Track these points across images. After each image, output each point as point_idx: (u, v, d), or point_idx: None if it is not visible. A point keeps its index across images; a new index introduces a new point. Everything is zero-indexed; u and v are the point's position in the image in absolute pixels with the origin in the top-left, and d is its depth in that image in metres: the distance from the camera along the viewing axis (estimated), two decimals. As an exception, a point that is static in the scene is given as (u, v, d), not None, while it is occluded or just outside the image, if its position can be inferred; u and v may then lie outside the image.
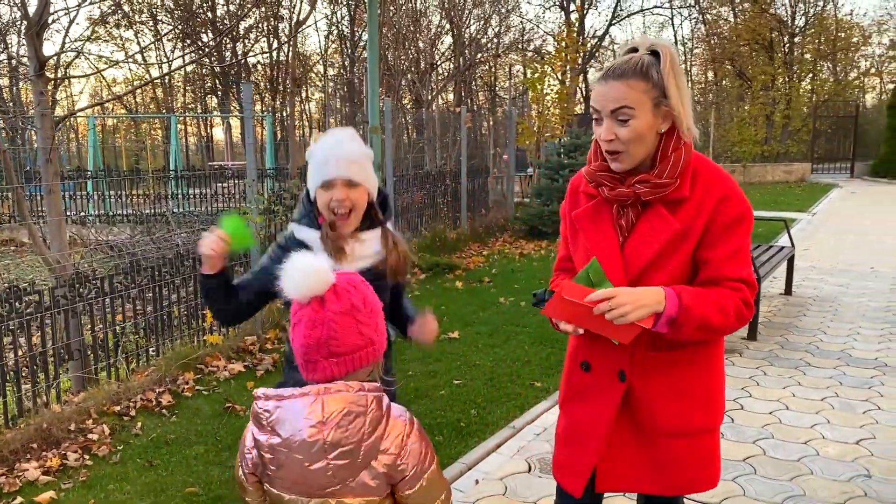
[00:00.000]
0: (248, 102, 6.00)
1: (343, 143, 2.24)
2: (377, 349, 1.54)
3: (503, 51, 30.10)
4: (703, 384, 1.95)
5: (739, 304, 1.80)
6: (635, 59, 1.76)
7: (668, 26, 50.77)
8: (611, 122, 1.78)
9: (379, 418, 1.48)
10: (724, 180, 1.82)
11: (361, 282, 1.58)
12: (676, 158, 1.80)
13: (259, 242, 6.13)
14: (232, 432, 4.36)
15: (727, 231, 1.79)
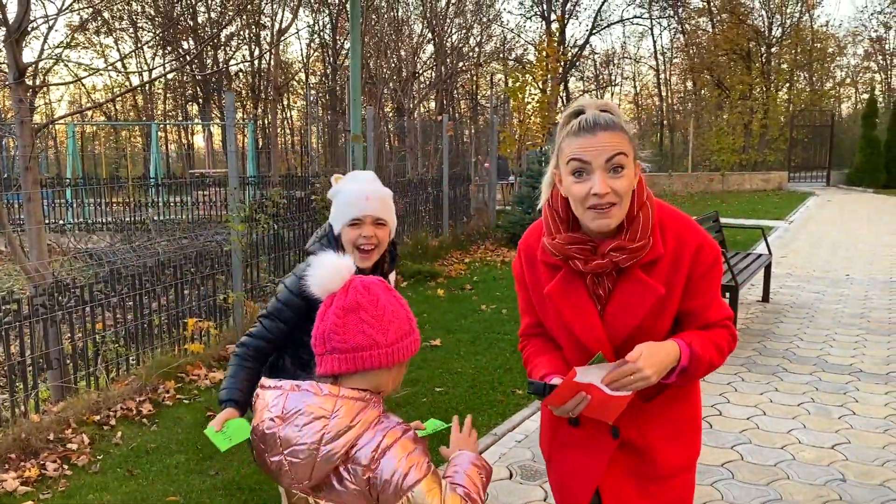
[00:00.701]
0: (230, 110, 6.00)
1: (373, 182, 2.37)
2: (382, 354, 1.49)
3: (485, 60, 30.26)
4: (692, 416, 1.94)
5: (730, 340, 1.83)
6: (606, 116, 1.68)
7: (648, 36, 51.41)
8: (604, 174, 1.63)
9: (347, 426, 1.44)
10: (692, 229, 1.77)
11: (380, 285, 1.56)
12: (645, 216, 1.72)
13: (242, 249, 6.12)
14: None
15: (704, 279, 1.77)
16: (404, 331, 1.53)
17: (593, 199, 1.64)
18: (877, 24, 46.03)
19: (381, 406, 1.52)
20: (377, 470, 1.42)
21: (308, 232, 8.00)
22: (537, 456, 4.04)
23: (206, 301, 6.20)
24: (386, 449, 1.44)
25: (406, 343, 1.53)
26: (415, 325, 1.57)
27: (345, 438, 1.43)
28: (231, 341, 6.04)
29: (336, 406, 1.45)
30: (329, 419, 1.43)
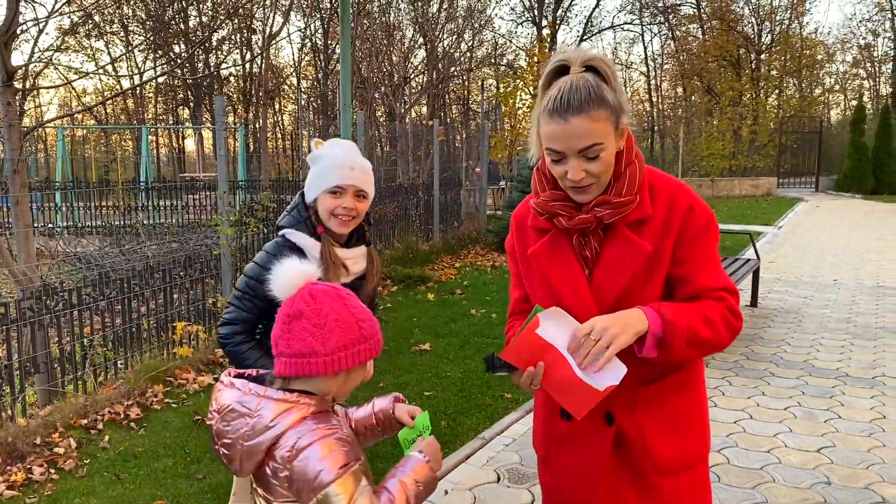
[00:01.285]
0: (220, 114, 6.00)
1: (355, 152, 2.29)
2: (321, 362, 1.52)
3: (476, 65, 30.32)
4: (694, 410, 1.80)
5: (726, 313, 1.66)
6: (583, 86, 1.58)
7: (639, 42, 51.66)
8: (578, 161, 1.61)
9: (265, 426, 1.49)
10: (684, 191, 1.70)
11: (329, 293, 1.57)
12: (632, 173, 1.67)
13: (232, 253, 6.11)
14: (201, 445, 4.34)
15: (695, 242, 1.67)
16: (349, 340, 1.55)
17: (569, 182, 1.64)
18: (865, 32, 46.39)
19: (314, 406, 1.55)
20: (292, 469, 1.48)
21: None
22: (525, 459, 4.06)
23: (195, 305, 6.19)
24: (301, 449, 1.47)
25: (351, 352, 1.55)
26: (369, 332, 1.58)
27: (264, 437, 1.49)
28: (220, 346, 6.02)
29: (258, 406, 1.52)
30: (252, 417, 1.51)
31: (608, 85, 1.60)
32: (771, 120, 29.68)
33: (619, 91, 1.62)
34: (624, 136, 1.66)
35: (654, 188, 1.70)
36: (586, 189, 1.65)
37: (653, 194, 1.69)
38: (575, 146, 1.59)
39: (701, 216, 1.67)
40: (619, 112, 1.62)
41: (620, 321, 1.57)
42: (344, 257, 2.29)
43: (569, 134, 1.58)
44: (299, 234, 2.27)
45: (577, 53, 1.64)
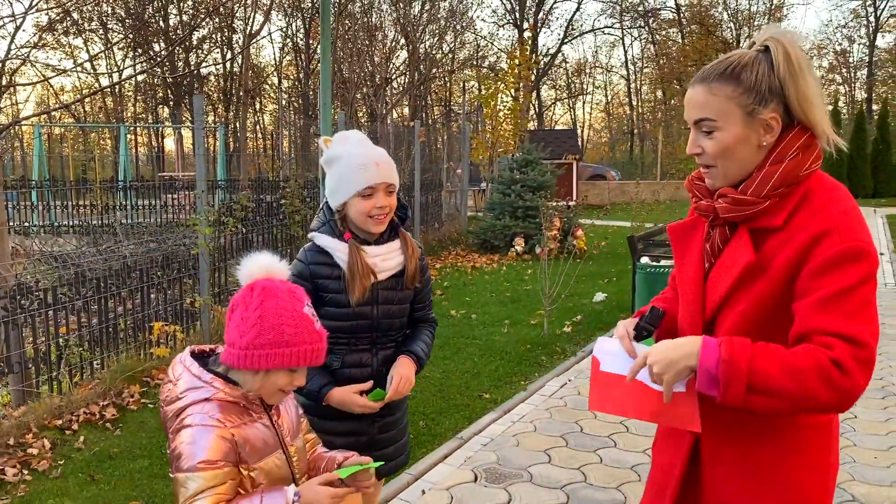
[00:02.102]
0: (199, 114, 5.97)
1: (370, 144, 2.18)
2: (233, 354, 1.57)
3: (457, 66, 30.39)
4: (784, 468, 1.53)
5: (825, 364, 1.35)
6: (731, 59, 1.50)
7: (619, 46, 52.01)
8: (696, 134, 1.54)
9: (177, 396, 1.58)
10: (830, 213, 1.43)
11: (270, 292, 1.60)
12: (767, 174, 1.48)
13: (210, 253, 6.08)
14: (178, 445, 4.31)
15: (823, 273, 1.40)
16: (264, 341, 1.54)
17: (689, 153, 1.57)
18: (841, 38, 47.09)
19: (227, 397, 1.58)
20: (172, 440, 1.55)
21: (277, 236, 7.97)
22: (502, 459, 4.08)
23: (173, 305, 6.15)
24: (184, 427, 1.53)
25: (263, 353, 1.54)
26: (293, 338, 1.56)
27: (172, 406, 1.57)
28: (198, 345, 5.99)
29: (179, 376, 1.61)
30: (173, 385, 1.61)
31: (772, 68, 1.48)
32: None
33: (789, 77, 1.47)
34: (773, 130, 1.50)
35: (806, 201, 1.48)
36: (708, 171, 1.56)
37: (799, 206, 1.48)
38: (690, 115, 1.55)
39: (837, 245, 1.39)
40: (758, 93, 1.48)
41: (667, 358, 1.45)
42: (375, 258, 2.19)
43: (689, 101, 1.55)
44: (325, 237, 2.20)
45: (764, 30, 1.55)
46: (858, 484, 3.79)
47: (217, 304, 6.45)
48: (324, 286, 2.19)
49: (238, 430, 1.57)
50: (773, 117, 1.48)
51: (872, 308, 1.39)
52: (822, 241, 1.40)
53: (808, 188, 1.48)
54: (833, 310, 1.37)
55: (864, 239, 1.41)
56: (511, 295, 8.56)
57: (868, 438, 4.39)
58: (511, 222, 11.63)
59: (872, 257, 1.40)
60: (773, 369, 1.36)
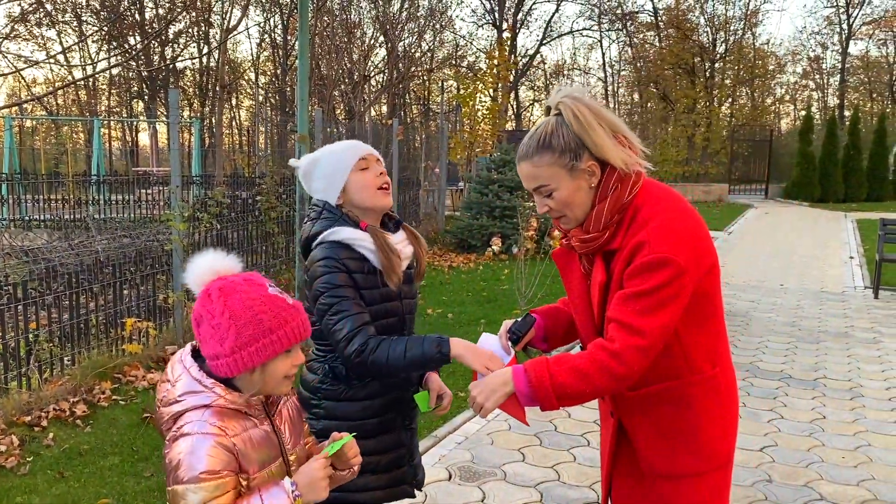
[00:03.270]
0: (174, 108, 5.92)
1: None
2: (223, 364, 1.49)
3: (436, 65, 30.38)
4: (687, 424, 1.82)
5: (605, 361, 1.68)
6: (538, 133, 1.77)
7: (597, 48, 52.30)
8: (539, 198, 1.82)
9: (175, 399, 1.51)
10: (648, 226, 1.70)
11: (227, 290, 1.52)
12: (599, 211, 1.75)
13: (184, 249, 6.02)
14: (149, 442, 4.27)
15: (632, 276, 1.70)
16: (247, 337, 1.49)
17: (540, 213, 1.85)
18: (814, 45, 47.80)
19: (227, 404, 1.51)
20: (169, 449, 1.49)
21: (252, 233, 7.92)
22: (476, 457, 4.09)
23: (146, 301, 6.09)
24: (183, 435, 1.47)
25: (253, 349, 1.49)
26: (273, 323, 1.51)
27: (169, 409, 1.51)
28: (171, 342, 5.94)
29: (177, 377, 1.54)
30: (171, 385, 1.54)
31: (567, 128, 1.74)
32: (723, 128, 30.33)
33: (583, 131, 1.73)
34: (595, 173, 1.76)
35: (634, 220, 1.74)
36: (559, 220, 1.85)
37: (630, 225, 1.74)
38: (528, 185, 1.83)
39: (646, 255, 1.67)
40: (574, 153, 1.74)
41: (487, 388, 1.76)
42: (397, 244, 2.15)
43: (522, 176, 1.83)
44: (344, 230, 2.07)
45: (553, 97, 1.80)
46: (826, 483, 3.85)
47: (190, 300, 6.39)
48: (361, 282, 2.06)
49: (239, 439, 1.51)
50: (590, 164, 1.74)
51: (667, 308, 1.66)
52: (639, 251, 1.68)
53: (635, 207, 1.74)
54: (629, 304, 1.67)
55: (673, 250, 1.66)
56: (487, 294, 8.58)
57: (836, 438, 4.46)
58: (488, 222, 11.65)
59: (675, 265, 1.65)
60: (568, 379, 1.67)
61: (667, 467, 1.84)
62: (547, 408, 1.72)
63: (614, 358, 1.67)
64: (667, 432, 1.83)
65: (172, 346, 5.84)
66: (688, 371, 1.80)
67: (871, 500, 3.69)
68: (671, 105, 31.22)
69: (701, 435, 1.82)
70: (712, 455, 1.84)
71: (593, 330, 1.86)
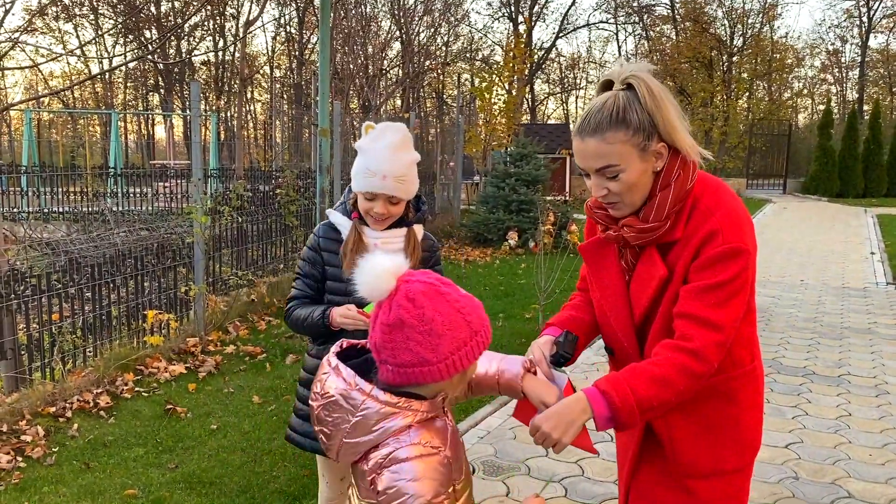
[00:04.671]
0: (195, 100, 5.92)
1: (395, 155, 2.25)
2: (434, 370, 1.40)
3: (451, 59, 30.31)
4: (730, 419, 1.76)
5: (683, 361, 1.60)
6: (608, 105, 1.61)
7: (613, 41, 52.00)
8: (599, 179, 1.66)
9: (368, 428, 1.40)
10: (715, 216, 1.63)
11: (428, 291, 1.43)
12: (662, 199, 1.65)
13: (205, 241, 6.04)
14: (172, 434, 4.29)
15: (705, 268, 1.61)
16: (460, 340, 1.42)
17: (596, 197, 1.71)
18: (833, 38, 47.30)
19: (422, 413, 1.43)
20: (381, 477, 1.39)
21: (272, 227, 7.93)
22: (500, 452, 4.08)
23: (167, 293, 6.11)
24: (397, 461, 1.38)
25: (464, 352, 1.43)
26: (477, 324, 1.46)
27: (364, 438, 1.41)
28: (191, 334, 5.96)
29: (362, 404, 1.41)
30: (354, 415, 1.41)
31: (641, 104, 1.61)
32: (741, 122, 30.08)
33: (655, 109, 1.61)
34: (663, 157, 1.66)
35: (696, 209, 1.67)
36: (614, 206, 1.71)
37: (692, 215, 1.66)
38: (591, 165, 1.66)
39: (720, 245, 1.60)
40: (644, 130, 1.61)
41: (563, 421, 1.57)
42: (375, 239, 2.35)
43: (585, 153, 1.65)
44: (337, 214, 2.42)
45: (620, 70, 1.65)
46: (854, 481, 3.81)
47: (211, 293, 6.42)
48: (328, 259, 2.40)
49: (450, 450, 1.44)
50: (662, 145, 1.64)
51: (739, 299, 1.62)
52: (710, 241, 1.61)
53: (695, 196, 1.67)
54: (704, 298, 1.60)
55: (743, 239, 1.62)
56: (505, 289, 8.56)
57: (862, 436, 4.41)
58: (505, 216, 11.61)
59: (748, 254, 1.62)
60: (650, 391, 1.57)
61: (709, 465, 1.76)
62: (628, 427, 1.61)
63: (694, 357, 1.59)
64: (710, 429, 1.76)
65: (193, 339, 5.86)
66: (731, 365, 1.75)
67: None
68: (688, 99, 30.99)
69: (743, 430, 1.78)
70: (751, 448, 1.82)
71: (632, 329, 1.77)
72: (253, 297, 7.00)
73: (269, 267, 7.81)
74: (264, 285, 7.25)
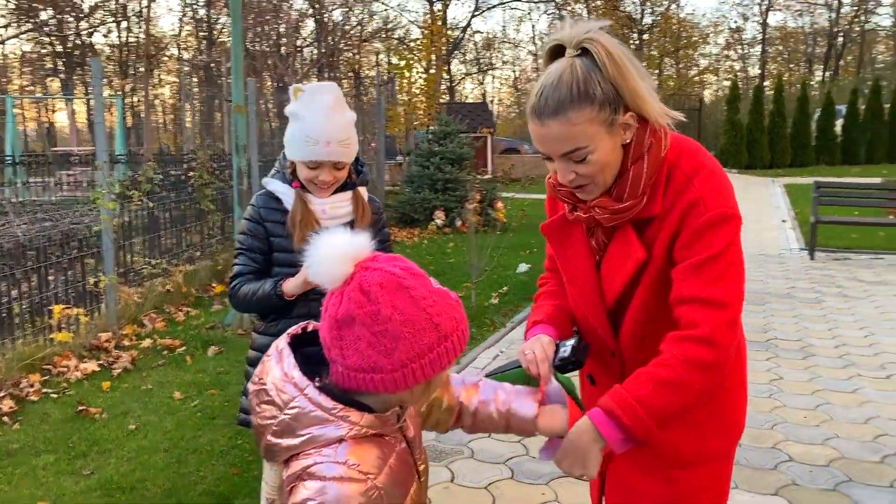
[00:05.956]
0: (97, 78, 5.49)
1: (333, 117, 2.14)
2: (387, 379, 1.16)
3: (366, 38, 29.85)
4: (712, 398, 1.59)
5: (694, 356, 1.43)
6: (566, 80, 1.40)
7: (527, 20, 52.38)
8: (564, 163, 1.47)
9: (294, 431, 1.17)
10: (693, 182, 1.48)
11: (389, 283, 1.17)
12: (636, 173, 1.48)
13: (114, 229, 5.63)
14: (86, 437, 3.96)
15: (693, 242, 1.46)
16: (424, 345, 1.16)
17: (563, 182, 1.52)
18: (736, 16, 48.93)
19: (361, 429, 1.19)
20: (295, 491, 1.17)
21: (186, 212, 7.52)
22: (441, 436, 3.93)
23: (75, 286, 5.69)
24: (312, 476, 1.15)
25: (428, 360, 1.17)
26: (448, 327, 1.19)
27: (287, 441, 1.18)
28: (103, 329, 5.57)
29: (293, 402, 1.18)
30: (281, 412, 1.18)
31: (602, 73, 1.40)
32: (654, 98, 30.76)
33: (618, 77, 1.41)
34: (631, 127, 1.47)
35: (672, 177, 1.50)
36: (583, 189, 1.52)
37: (669, 185, 1.49)
38: (556, 150, 1.46)
39: (705, 212, 1.45)
40: (613, 105, 1.42)
41: (579, 457, 1.44)
42: (322, 205, 2.24)
43: (546, 138, 1.45)
44: (276, 183, 2.28)
45: (571, 32, 1.43)
46: (793, 444, 3.84)
47: (124, 284, 6.02)
48: (272, 230, 2.26)
49: (384, 479, 1.19)
50: (630, 115, 1.45)
51: (737, 267, 1.48)
52: (692, 212, 1.45)
53: (670, 163, 1.50)
54: (702, 275, 1.44)
55: (729, 203, 1.47)
56: (435, 269, 8.41)
57: (795, 399, 4.48)
58: (431, 195, 11.45)
59: (737, 218, 1.48)
60: (660, 399, 1.42)
61: (693, 452, 1.63)
62: (650, 441, 1.44)
63: (705, 345, 1.42)
64: (693, 411, 1.58)
65: (106, 333, 5.47)
66: None
67: (838, 458, 3.69)
68: (602, 76, 31.46)
69: (727, 410, 1.65)
70: (735, 429, 1.69)
71: (604, 314, 1.62)
72: (169, 288, 6.62)
73: (184, 255, 7.41)
74: (180, 274, 6.87)
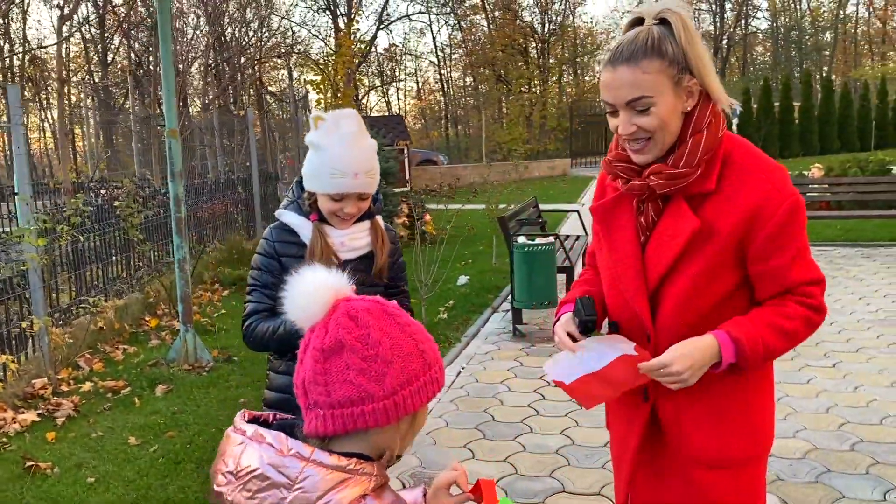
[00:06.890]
0: (15, 105, 5.12)
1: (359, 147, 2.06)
2: (379, 409, 1.11)
3: (266, 53, 29.30)
4: (743, 405, 1.68)
5: (808, 315, 1.60)
6: (643, 35, 1.52)
7: (428, 32, 52.77)
8: (628, 114, 1.55)
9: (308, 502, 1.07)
10: (762, 171, 1.57)
11: (374, 309, 1.16)
12: (695, 143, 1.55)
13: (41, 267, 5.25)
14: (40, 496, 3.65)
15: (782, 234, 1.55)
16: (412, 372, 1.14)
17: (625, 137, 1.58)
18: (627, 23, 50.78)
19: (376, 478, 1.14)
20: None
21: (111, 242, 7.12)
22: (424, 461, 3.84)
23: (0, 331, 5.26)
24: None
25: (416, 387, 1.14)
26: (431, 356, 1.18)
27: None
28: (36, 375, 5.16)
29: (302, 474, 1.09)
30: (290, 490, 1.08)
31: (675, 39, 1.53)
32: (555, 106, 31.52)
33: (689, 46, 1.53)
34: (694, 96, 1.57)
35: (728, 161, 1.58)
36: (643, 147, 1.58)
37: (724, 168, 1.58)
38: (622, 96, 1.54)
39: (782, 203, 1.54)
40: (681, 66, 1.53)
41: (697, 364, 1.54)
42: (341, 237, 2.16)
43: (616, 83, 1.54)
44: (291, 215, 2.19)
45: (653, 7, 1.57)
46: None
47: (55, 325, 5.61)
48: (289, 265, 2.15)
49: None
50: (693, 83, 1.55)
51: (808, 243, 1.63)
52: (768, 204, 1.53)
53: (725, 150, 1.58)
54: (801, 262, 1.58)
55: (794, 189, 1.57)
56: (374, 286, 8.27)
57: (757, 393, 4.61)
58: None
59: (802, 200, 1.58)
60: (778, 343, 1.56)
61: (716, 452, 1.66)
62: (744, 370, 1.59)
63: (817, 312, 1.61)
64: (720, 415, 1.66)
65: (40, 380, 5.08)
66: None
67: (812, 450, 3.82)
68: (508, 86, 32.03)
69: (753, 414, 1.69)
70: (762, 434, 1.71)
71: (644, 296, 1.64)
72: (101, 325, 6.22)
73: (112, 289, 7.00)
74: (111, 310, 6.48)
